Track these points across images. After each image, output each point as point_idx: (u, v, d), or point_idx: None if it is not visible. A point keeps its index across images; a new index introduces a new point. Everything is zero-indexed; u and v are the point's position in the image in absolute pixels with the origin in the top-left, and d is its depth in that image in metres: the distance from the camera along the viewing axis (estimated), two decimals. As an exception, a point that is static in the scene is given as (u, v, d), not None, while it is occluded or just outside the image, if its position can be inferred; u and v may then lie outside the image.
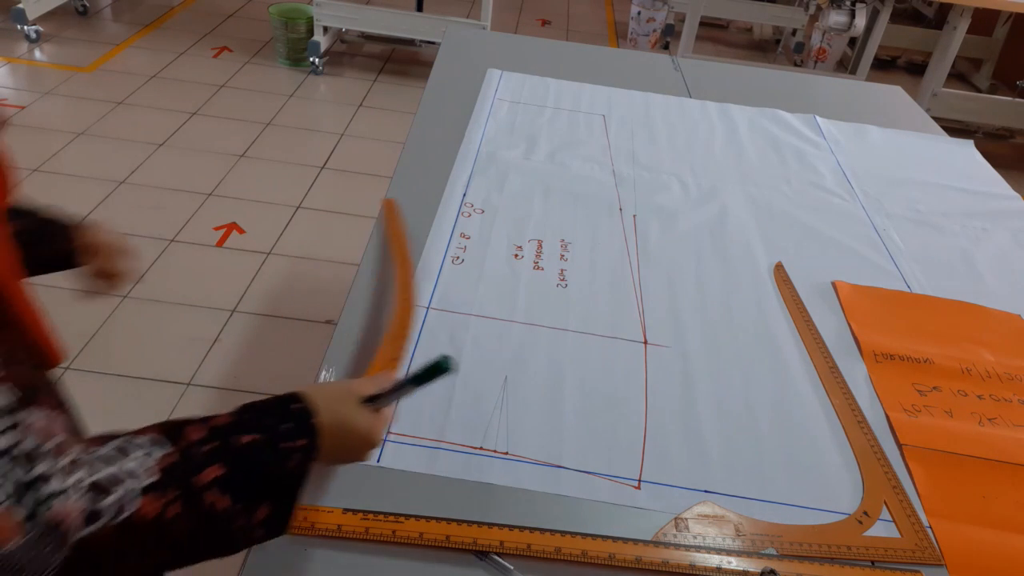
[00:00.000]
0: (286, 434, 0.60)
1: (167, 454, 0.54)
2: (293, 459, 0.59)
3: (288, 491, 0.59)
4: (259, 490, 0.58)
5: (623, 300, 1.04)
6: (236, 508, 0.56)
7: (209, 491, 0.54)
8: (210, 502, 0.54)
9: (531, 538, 0.70)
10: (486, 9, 3.42)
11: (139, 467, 0.52)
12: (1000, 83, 4.64)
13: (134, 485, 0.51)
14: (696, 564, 0.70)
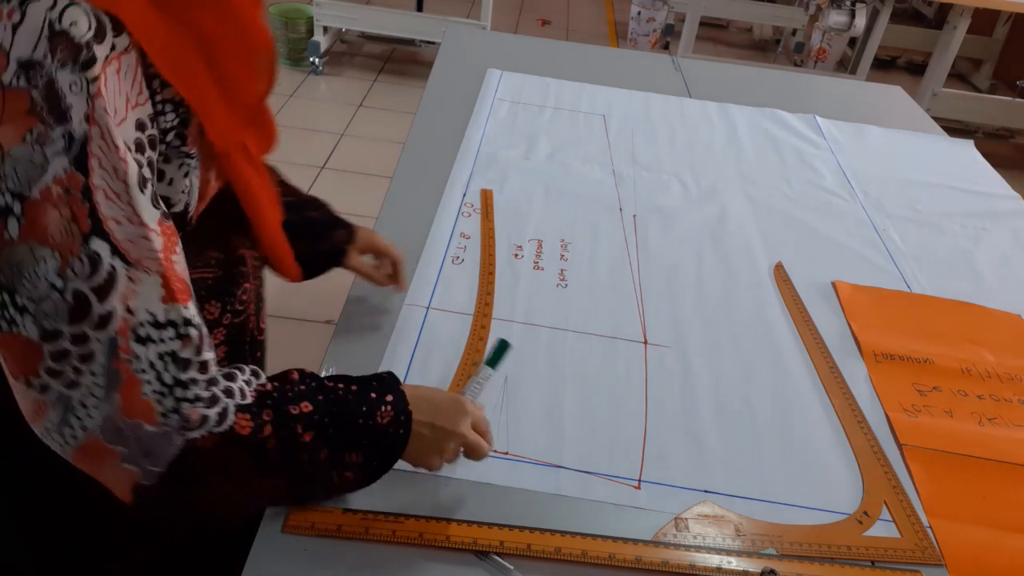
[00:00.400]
0: (376, 388, 0.65)
1: (263, 384, 0.61)
2: (381, 412, 0.64)
3: (378, 443, 0.63)
4: (345, 434, 0.62)
5: (623, 300, 1.04)
6: (321, 446, 0.60)
7: (298, 423, 0.59)
8: (299, 433, 0.59)
9: (531, 538, 0.70)
10: (486, 9, 3.42)
11: (239, 388, 0.58)
12: (1000, 83, 4.64)
13: (234, 401, 0.57)
14: (696, 564, 0.70)
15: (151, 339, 0.52)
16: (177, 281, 0.53)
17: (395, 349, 0.90)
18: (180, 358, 0.53)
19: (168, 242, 0.53)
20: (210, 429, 0.55)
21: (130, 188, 0.49)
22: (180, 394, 0.53)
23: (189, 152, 0.56)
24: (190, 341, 0.54)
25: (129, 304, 0.51)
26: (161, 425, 0.53)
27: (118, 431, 0.52)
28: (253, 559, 0.66)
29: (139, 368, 0.52)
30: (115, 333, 0.51)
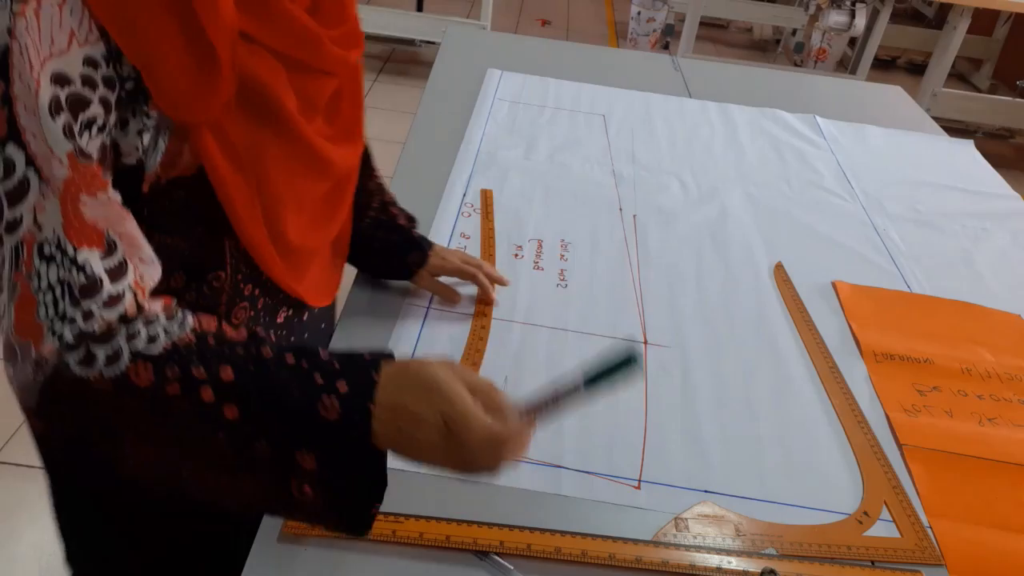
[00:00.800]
0: (330, 372, 0.54)
1: (184, 336, 0.54)
2: (324, 404, 0.52)
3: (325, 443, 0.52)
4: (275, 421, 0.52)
5: (623, 300, 1.04)
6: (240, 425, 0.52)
7: (207, 386, 0.52)
8: (207, 401, 0.52)
9: (531, 538, 0.70)
10: (486, 9, 3.43)
11: (149, 335, 0.53)
12: (1000, 83, 4.64)
13: (132, 346, 0.52)
14: (696, 564, 0.70)
15: (54, 260, 0.50)
16: (76, 220, 0.50)
17: (395, 349, 0.90)
18: (74, 294, 0.50)
19: (80, 179, 0.50)
20: (100, 370, 0.51)
21: (40, 110, 0.48)
22: (68, 331, 0.50)
23: (147, 111, 0.53)
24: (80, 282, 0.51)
25: (38, 218, 0.49)
26: (53, 353, 0.51)
27: (11, 349, 0.52)
28: (253, 559, 0.66)
29: (36, 287, 0.50)
30: (20, 241, 0.50)
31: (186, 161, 0.57)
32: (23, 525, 1.56)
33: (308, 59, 0.60)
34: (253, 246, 0.63)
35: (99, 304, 0.51)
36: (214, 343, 0.55)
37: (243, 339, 0.56)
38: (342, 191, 0.74)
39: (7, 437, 1.73)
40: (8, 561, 1.49)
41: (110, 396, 0.51)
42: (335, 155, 0.67)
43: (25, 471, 1.67)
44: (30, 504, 1.60)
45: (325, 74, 0.65)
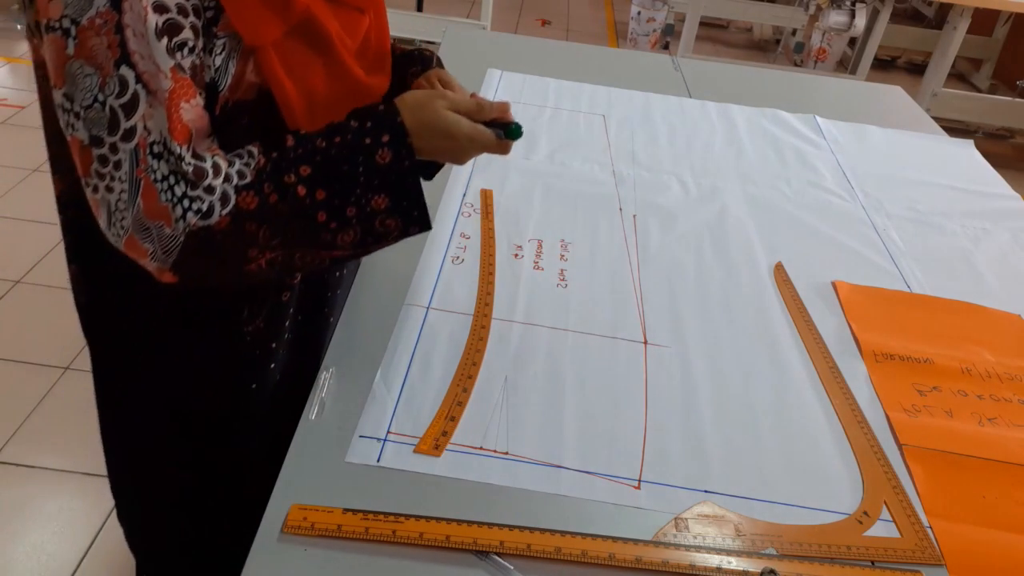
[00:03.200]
0: (369, 131, 0.71)
1: (259, 160, 0.69)
2: (382, 152, 0.70)
3: (396, 183, 0.70)
4: (351, 183, 0.69)
5: (623, 300, 1.04)
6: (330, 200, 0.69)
7: (300, 185, 0.68)
8: (304, 193, 0.68)
9: (531, 538, 0.70)
10: (486, 9, 3.43)
11: (237, 172, 0.68)
12: (1000, 83, 4.65)
13: (232, 184, 0.67)
14: (696, 564, 0.70)
15: (163, 156, 0.63)
16: (178, 122, 0.63)
17: (395, 349, 0.90)
18: (188, 179, 0.64)
19: (179, 89, 0.63)
20: (219, 214, 0.66)
21: (148, 34, 0.60)
22: (187, 204, 0.65)
23: (217, 34, 0.65)
24: (189, 170, 0.64)
25: (147, 124, 0.62)
26: (174, 227, 0.64)
27: (146, 230, 0.64)
28: (253, 559, 0.66)
29: (155, 179, 0.63)
30: (136, 146, 0.62)
31: (248, 82, 0.69)
32: (23, 525, 1.56)
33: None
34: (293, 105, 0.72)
35: (209, 179, 0.66)
36: (279, 155, 0.69)
37: (295, 143, 0.70)
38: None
39: (7, 437, 1.73)
40: (8, 561, 1.49)
41: (233, 228, 0.66)
42: (369, 84, 0.79)
43: (25, 471, 1.67)
44: (30, 504, 1.60)
45: (358, 11, 0.77)
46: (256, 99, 0.70)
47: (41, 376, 1.89)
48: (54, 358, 1.94)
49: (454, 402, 0.84)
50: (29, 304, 2.12)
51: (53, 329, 2.03)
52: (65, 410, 1.82)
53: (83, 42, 0.60)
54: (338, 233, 0.70)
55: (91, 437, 1.74)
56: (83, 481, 1.66)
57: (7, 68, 3.40)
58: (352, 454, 0.76)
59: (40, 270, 2.24)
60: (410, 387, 0.85)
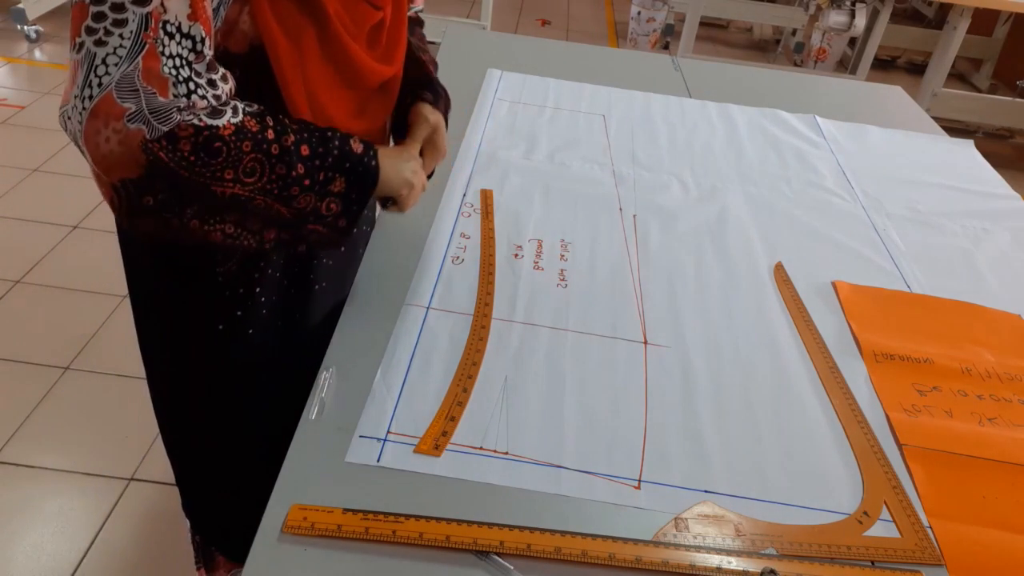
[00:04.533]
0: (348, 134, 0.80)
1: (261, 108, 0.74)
2: (355, 142, 0.79)
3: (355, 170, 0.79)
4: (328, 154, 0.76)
5: (623, 300, 1.04)
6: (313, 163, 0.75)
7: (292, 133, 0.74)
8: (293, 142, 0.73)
9: (531, 538, 0.70)
10: (486, 9, 3.43)
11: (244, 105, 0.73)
12: (1000, 83, 4.65)
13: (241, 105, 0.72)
14: (696, 564, 0.70)
15: (175, 37, 0.65)
16: (203, 11, 0.66)
17: (395, 349, 0.90)
18: (193, 67, 0.67)
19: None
20: (227, 119, 0.69)
21: None
22: (191, 87, 0.67)
23: None
24: (203, 58, 0.67)
25: (165, 2, 0.64)
26: (171, 100, 0.66)
27: (133, 90, 0.65)
28: (253, 559, 0.66)
29: (162, 50, 0.65)
30: (149, 14, 0.64)
31: (241, 31, 0.72)
32: (23, 525, 1.56)
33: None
34: (297, 112, 0.78)
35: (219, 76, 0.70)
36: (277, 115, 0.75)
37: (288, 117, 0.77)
38: (383, 96, 0.91)
39: (7, 437, 1.73)
40: (8, 561, 1.49)
41: (232, 138, 0.70)
42: (368, 65, 0.82)
43: (25, 471, 1.67)
44: (30, 504, 1.60)
45: (372, 7, 0.80)
46: (248, 53, 0.73)
47: (41, 376, 1.89)
48: (54, 358, 1.94)
49: (454, 402, 0.84)
50: (29, 304, 2.12)
51: (53, 329, 2.03)
52: (65, 410, 1.82)
53: None
54: (300, 195, 0.76)
55: (91, 437, 1.75)
56: (83, 481, 1.66)
57: (7, 68, 3.40)
58: (352, 454, 0.76)
59: (40, 270, 2.24)
60: (410, 387, 0.85)
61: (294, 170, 0.74)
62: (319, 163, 0.76)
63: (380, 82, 0.87)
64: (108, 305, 2.10)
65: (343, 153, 0.78)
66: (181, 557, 1.46)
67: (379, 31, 0.84)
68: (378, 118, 0.92)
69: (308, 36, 0.76)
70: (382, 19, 0.83)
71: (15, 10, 3.48)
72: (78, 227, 2.43)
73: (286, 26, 0.73)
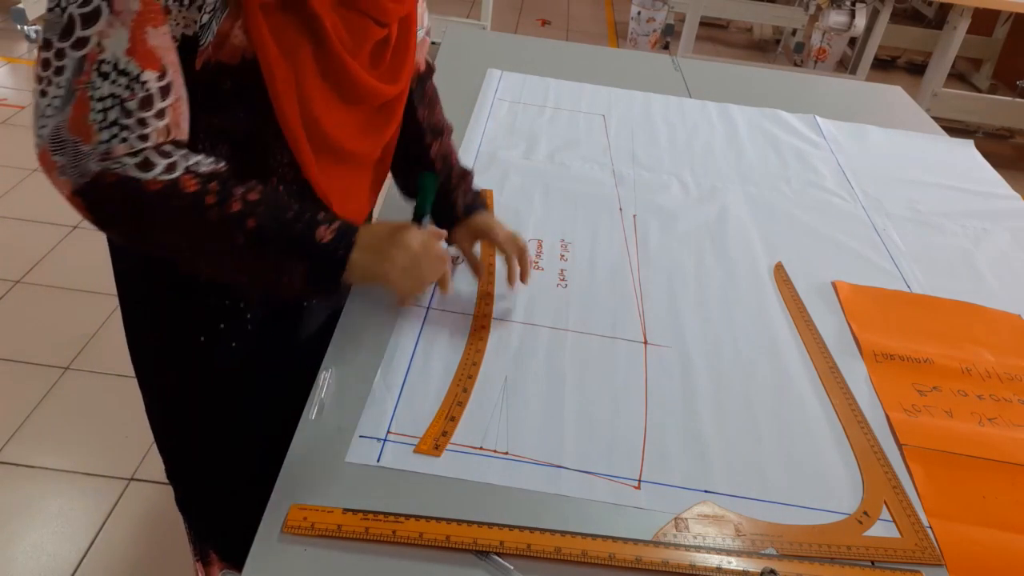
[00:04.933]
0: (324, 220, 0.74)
1: (223, 167, 0.71)
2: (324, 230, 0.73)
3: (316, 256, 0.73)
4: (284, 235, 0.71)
5: (623, 300, 1.04)
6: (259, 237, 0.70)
7: (239, 201, 0.69)
8: (237, 210, 0.69)
9: (531, 538, 0.70)
10: (486, 9, 3.43)
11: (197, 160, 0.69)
12: (1000, 83, 4.64)
13: (187, 163, 0.68)
14: (696, 564, 0.70)
15: (109, 77, 0.63)
16: (142, 45, 0.63)
17: (395, 349, 0.90)
18: (125, 106, 0.64)
19: (148, 13, 0.63)
20: (156, 175, 0.66)
21: None
22: (116, 131, 0.64)
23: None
24: (134, 96, 0.64)
25: (103, 41, 0.62)
26: (93, 148, 0.64)
27: (61, 142, 0.64)
28: (253, 559, 0.66)
29: (92, 95, 0.63)
30: (84, 56, 0.62)
31: (232, 46, 0.69)
32: (23, 525, 1.56)
33: (361, 5, 0.74)
34: (289, 128, 0.74)
35: (152, 114, 0.65)
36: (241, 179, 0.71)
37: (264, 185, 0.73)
38: (386, 115, 0.86)
39: (7, 437, 1.73)
40: (8, 561, 1.49)
41: (160, 196, 0.66)
42: (368, 83, 0.79)
43: (25, 471, 1.67)
44: (30, 504, 1.60)
45: (376, 23, 0.77)
46: (240, 64, 0.70)
47: (41, 376, 1.89)
48: (54, 358, 1.94)
49: (454, 402, 0.84)
50: (29, 304, 2.12)
51: (53, 329, 2.03)
52: (65, 410, 1.82)
53: None
54: (245, 262, 0.72)
55: (91, 437, 1.74)
56: (83, 481, 1.66)
57: (7, 68, 3.40)
58: (352, 454, 0.76)
59: (40, 270, 2.24)
60: (410, 387, 0.85)
61: (234, 240, 0.70)
62: (263, 237, 0.70)
63: (381, 102, 0.84)
64: (108, 305, 2.10)
65: (302, 238, 0.72)
66: (181, 557, 1.46)
67: (384, 49, 0.81)
68: (380, 138, 0.88)
69: (304, 51, 0.72)
70: (387, 36, 0.80)
71: (15, 10, 3.48)
72: (78, 227, 2.43)
73: (281, 40, 0.70)
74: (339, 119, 0.79)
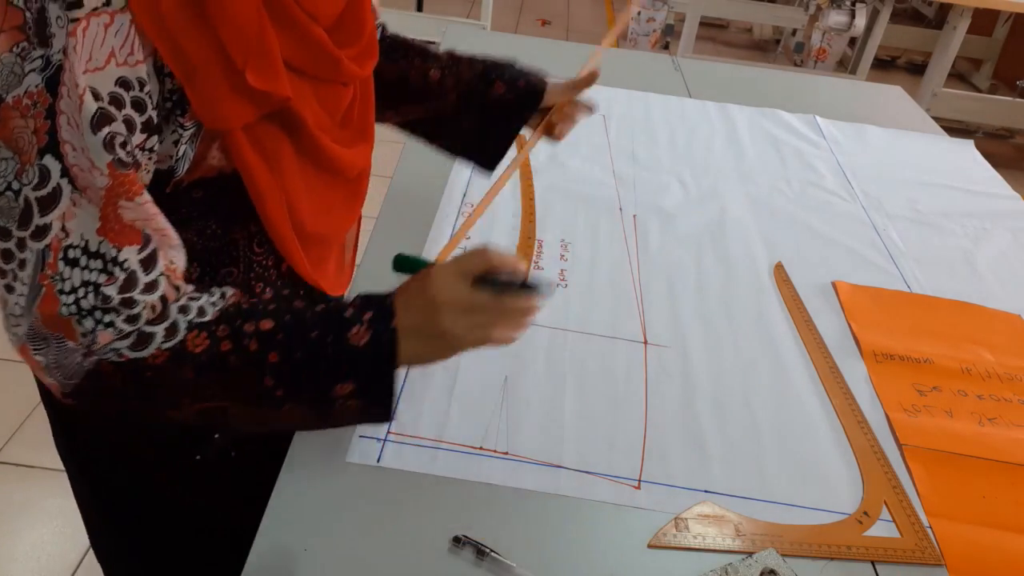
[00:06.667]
0: (352, 319, 0.61)
1: (227, 304, 0.62)
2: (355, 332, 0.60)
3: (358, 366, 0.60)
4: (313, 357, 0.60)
5: (623, 300, 1.04)
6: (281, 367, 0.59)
7: (253, 339, 0.59)
8: (255, 350, 0.59)
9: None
10: (486, 9, 3.43)
11: (198, 307, 0.60)
12: (1000, 83, 4.64)
13: (187, 318, 0.59)
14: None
15: (79, 263, 0.55)
16: (116, 222, 0.55)
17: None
18: (101, 292, 0.55)
19: (120, 187, 0.54)
20: (158, 345, 0.58)
21: (82, 125, 0.52)
22: (98, 317, 0.56)
23: (183, 124, 0.58)
24: (114, 280, 0.55)
25: (66, 224, 0.54)
26: (78, 344, 0.56)
27: (43, 339, 0.56)
28: (253, 559, 0.66)
29: (60, 288, 0.54)
30: (47, 246, 0.54)
31: (210, 165, 0.62)
32: (23, 525, 1.56)
33: (328, 75, 0.66)
34: (280, 237, 0.68)
35: (138, 291, 0.57)
36: (250, 305, 0.62)
37: (273, 296, 0.66)
38: (356, 189, 0.79)
39: (7, 437, 1.73)
40: (8, 561, 1.49)
41: (167, 370, 0.58)
42: (348, 158, 0.72)
43: (25, 471, 1.67)
44: (30, 504, 1.60)
45: (343, 85, 0.70)
46: (216, 177, 0.63)
47: (41, 376, 1.89)
48: (54, 358, 1.94)
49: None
50: (29, 304, 2.12)
51: (53, 329, 2.03)
52: (65, 410, 1.82)
53: (5, 121, 0.51)
54: (285, 403, 0.61)
55: (91, 437, 1.74)
56: (83, 481, 1.66)
57: None
58: (352, 454, 0.76)
59: (40, 270, 2.24)
60: (410, 387, 0.85)
61: (262, 382, 0.60)
62: (290, 368, 0.60)
63: (362, 167, 0.77)
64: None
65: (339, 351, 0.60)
66: (181, 557, 1.46)
67: (351, 107, 0.74)
68: (357, 207, 0.81)
69: (286, 153, 0.65)
70: (353, 93, 0.73)
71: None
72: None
73: (263, 151, 0.63)
74: (321, 204, 0.72)
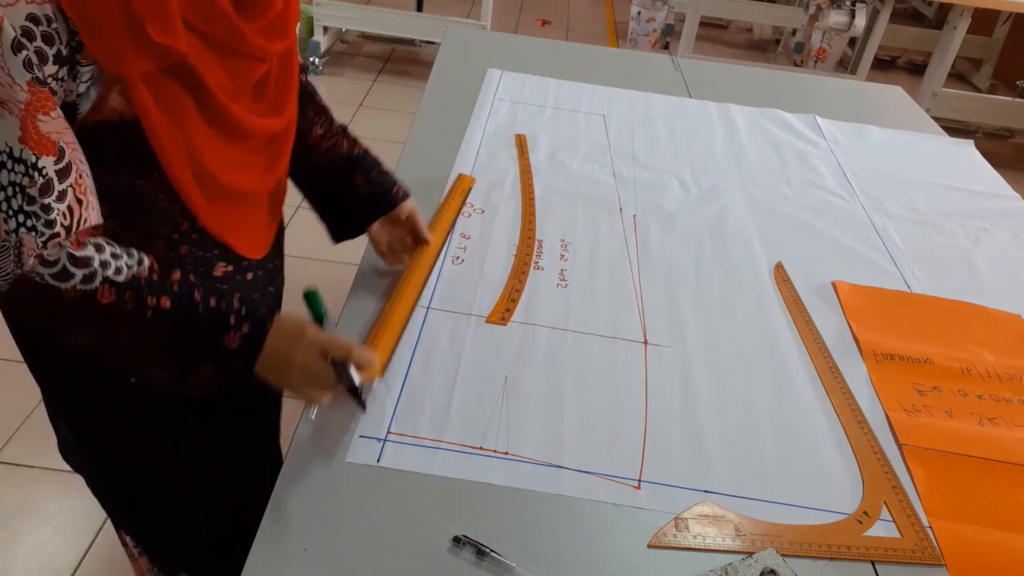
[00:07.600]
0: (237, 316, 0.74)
1: (141, 271, 0.70)
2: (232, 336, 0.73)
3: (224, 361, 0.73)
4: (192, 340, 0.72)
5: (623, 300, 1.04)
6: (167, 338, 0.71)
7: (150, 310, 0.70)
8: (150, 318, 0.70)
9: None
10: (486, 9, 3.42)
11: (117, 266, 0.68)
12: (1000, 83, 4.64)
13: (104, 273, 0.67)
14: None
15: (5, 166, 0.61)
16: (35, 132, 0.61)
17: (395, 349, 0.90)
18: (27, 193, 0.62)
19: (36, 101, 0.61)
20: (74, 284, 0.66)
21: (4, 47, 0.58)
22: (22, 220, 0.63)
23: (82, 62, 0.63)
24: (34, 183, 0.62)
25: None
26: (4, 243, 0.63)
27: None
28: (253, 558, 0.66)
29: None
30: None
31: (111, 108, 0.67)
32: (23, 525, 1.56)
33: (234, 45, 0.71)
34: (180, 185, 0.73)
35: (53, 198, 0.63)
36: (158, 278, 0.71)
37: (180, 279, 0.73)
38: (275, 151, 0.84)
39: (7, 437, 1.73)
40: (8, 561, 1.49)
41: (76, 303, 0.67)
42: (257, 124, 0.77)
43: (25, 471, 1.67)
44: (30, 504, 1.60)
45: (256, 59, 0.75)
46: (118, 122, 0.68)
47: (41, 376, 1.89)
48: (54, 358, 1.94)
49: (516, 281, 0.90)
50: (29, 304, 2.12)
51: (53, 329, 2.02)
52: (65, 410, 1.82)
53: None
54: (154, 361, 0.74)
55: (91, 437, 1.74)
56: (83, 481, 1.66)
57: (7, 68, 3.40)
58: (352, 454, 0.76)
59: (40, 270, 2.24)
60: (410, 387, 0.85)
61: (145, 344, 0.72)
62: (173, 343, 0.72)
63: (268, 136, 0.81)
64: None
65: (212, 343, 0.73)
66: (181, 557, 1.46)
67: (265, 83, 0.78)
68: (272, 173, 0.85)
69: (187, 107, 0.70)
70: (268, 70, 0.78)
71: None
72: (78, 227, 2.42)
73: (163, 103, 0.68)
74: (230, 162, 0.77)
